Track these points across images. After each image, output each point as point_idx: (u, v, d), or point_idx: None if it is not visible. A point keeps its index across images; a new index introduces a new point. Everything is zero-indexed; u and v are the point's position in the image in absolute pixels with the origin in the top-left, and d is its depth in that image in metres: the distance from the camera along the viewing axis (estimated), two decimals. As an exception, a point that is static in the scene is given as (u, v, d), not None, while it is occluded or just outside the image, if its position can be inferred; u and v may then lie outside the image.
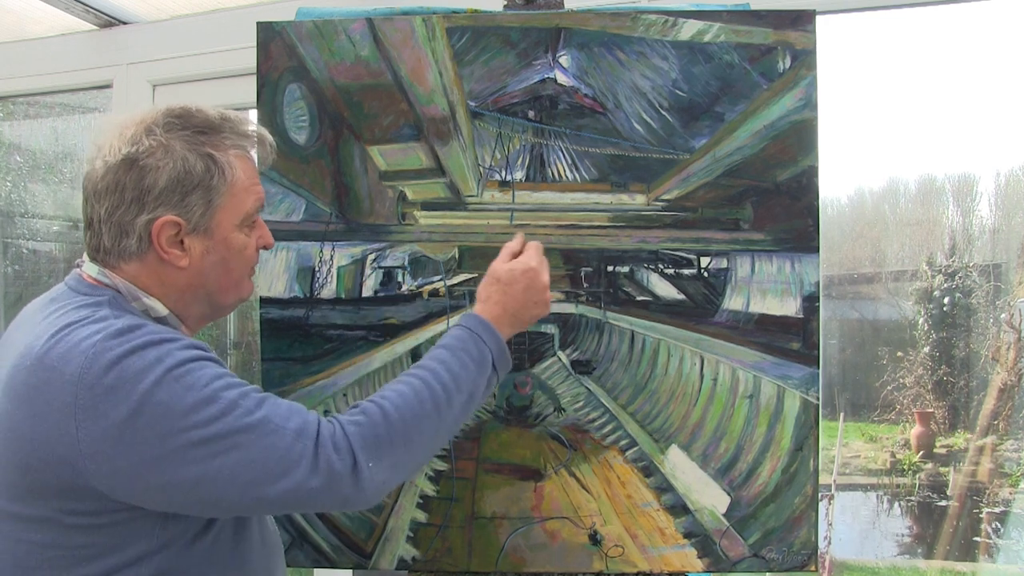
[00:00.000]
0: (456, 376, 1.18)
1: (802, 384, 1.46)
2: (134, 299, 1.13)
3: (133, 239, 1.11)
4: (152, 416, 1.00)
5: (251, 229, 1.20)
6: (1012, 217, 5.93)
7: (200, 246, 1.14)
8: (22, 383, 1.04)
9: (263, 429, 1.04)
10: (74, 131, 3.03)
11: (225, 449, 1.02)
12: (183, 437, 1.00)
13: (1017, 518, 5.19)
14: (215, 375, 1.05)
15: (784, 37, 1.46)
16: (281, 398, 1.10)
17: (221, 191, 1.14)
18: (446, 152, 1.51)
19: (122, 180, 1.10)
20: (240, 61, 2.12)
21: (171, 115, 1.14)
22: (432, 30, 1.49)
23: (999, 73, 6.52)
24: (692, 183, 1.49)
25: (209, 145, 1.14)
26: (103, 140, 1.13)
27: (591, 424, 1.52)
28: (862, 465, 6.27)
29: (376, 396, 1.15)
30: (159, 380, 1.01)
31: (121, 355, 1.01)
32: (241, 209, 1.17)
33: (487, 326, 1.25)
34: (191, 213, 1.12)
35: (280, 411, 1.07)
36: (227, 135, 1.16)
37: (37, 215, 3.14)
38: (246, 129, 1.19)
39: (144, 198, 1.10)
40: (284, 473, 1.03)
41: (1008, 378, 5.32)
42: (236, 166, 1.16)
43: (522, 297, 1.29)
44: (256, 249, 1.23)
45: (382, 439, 1.09)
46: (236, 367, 3.02)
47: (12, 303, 2.97)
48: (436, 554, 1.51)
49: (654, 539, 1.49)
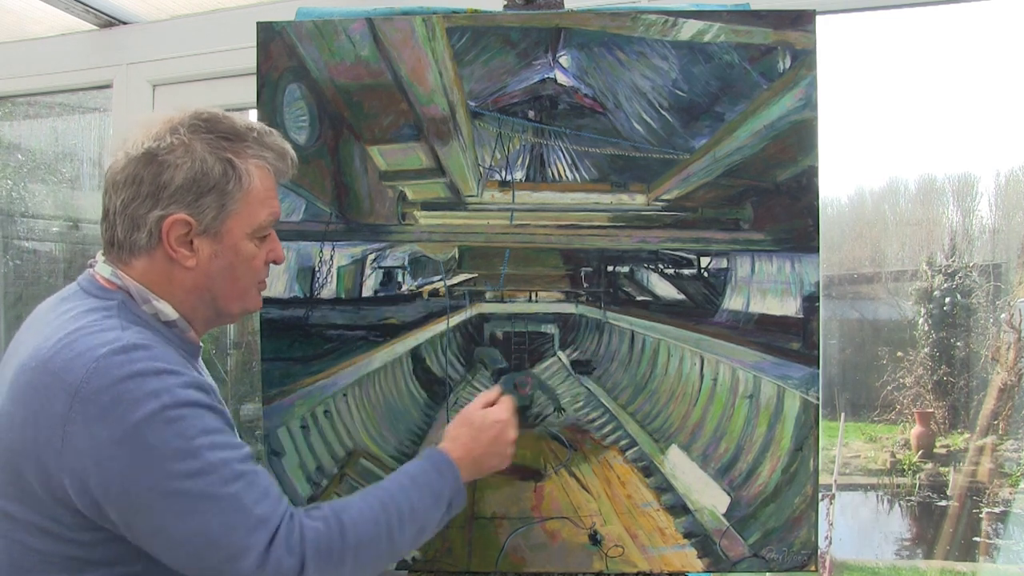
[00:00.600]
0: (414, 508, 1.19)
1: (802, 384, 1.46)
2: (144, 302, 1.14)
3: (144, 233, 1.12)
4: (133, 451, 1.00)
5: (262, 241, 1.21)
6: (1012, 217, 5.94)
7: (208, 248, 1.15)
8: (25, 384, 1.05)
9: (229, 505, 1.03)
10: (74, 131, 3.03)
11: (187, 511, 1.01)
12: (154, 483, 1.00)
13: (1017, 518, 5.19)
14: (206, 428, 1.04)
15: (784, 37, 1.46)
16: (263, 474, 1.08)
17: (235, 197, 1.14)
18: (446, 152, 1.51)
19: (140, 173, 1.11)
20: (240, 61, 2.12)
21: (198, 118, 1.15)
22: (432, 30, 1.49)
23: (999, 73, 6.52)
24: (692, 183, 1.49)
25: (230, 151, 1.15)
26: (130, 134, 1.14)
27: (591, 424, 1.52)
28: (862, 465, 6.28)
29: (340, 504, 1.15)
30: (151, 416, 1.00)
31: (121, 377, 1.01)
32: (254, 219, 1.17)
33: (451, 466, 1.26)
34: (203, 214, 1.13)
35: (254, 492, 1.05)
36: (250, 144, 1.17)
37: (37, 215, 3.14)
38: (271, 141, 1.20)
39: (159, 194, 1.11)
40: (231, 558, 1.02)
41: (1008, 378, 5.32)
42: (255, 175, 1.16)
43: (488, 446, 1.31)
44: (265, 262, 1.23)
45: (334, 551, 1.09)
46: (236, 367, 3.02)
47: (12, 303, 2.97)
48: (436, 554, 1.51)
49: (654, 539, 1.49)
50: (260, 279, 1.24)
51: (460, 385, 1.53)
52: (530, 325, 1.53)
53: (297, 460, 1.52)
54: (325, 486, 1.52)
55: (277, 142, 1.21)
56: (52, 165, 3.16)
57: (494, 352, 1.53)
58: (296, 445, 1.52)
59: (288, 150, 1.23)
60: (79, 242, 3.13)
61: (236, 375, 3.00)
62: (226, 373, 2.96)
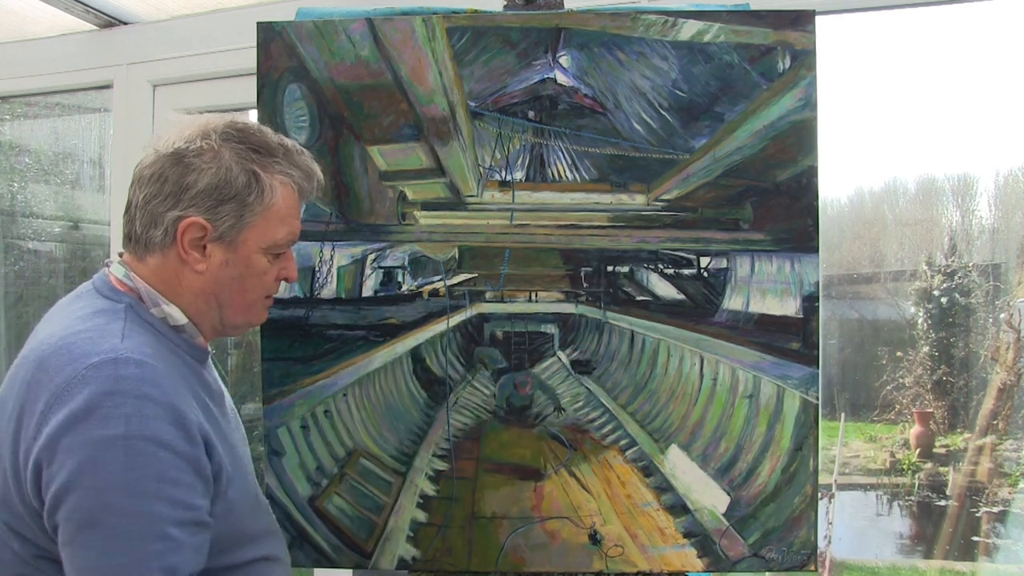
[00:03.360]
0: None
1: (802, 384, 1.46)
2: (154, 305, 1.15)
3: (160, 231, 1.13)
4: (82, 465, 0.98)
5: (276, 258, 1.21)
6: (1011, 217, 5.94)
7: (221, 256, 1.15)
8: (21, 377, 1.06)
9: (138, 559, 0.99)
10: (74, 131, 3.03)
11: (98, 543, 0.98)
12: (85, 503, 0.98)
13: (1016, 518, 5.19)
14: (160, 474, 1.01)
15: (784, 37, 1.46)
16: (189, 549, 1.03)
17: (255, 210, 1.15)
18: (446, 152, 1.52)
19: (166, 172, 1.12)
20: (240, 61, 2.12)
21: (232, 127, 1.16)
22: (432, 30, 1.49)
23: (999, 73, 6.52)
24: (692, 183, 1.49)
25: (258, 164, 1.15)
26: (165, 132, 1.15)
27: (591, 424, 1.52)
28: (862, 465, 6.28)
29: None
30: (112, 439, 0.99)
31: (102, 391, 1.00)
32: (270, 235, 1.17)
33: None
34: (220, 221, 1.13)
35: (167, 561, 1.00)
36: (279, 160, 1.17)
37: (38, 215, 3.14)
38: (300, 160, 1.20)
39: (181, 194, 1.12)
40: None
41: (1007, 378, 5.32)
42: (278, 192, 1.17)
43: None
44: (277, 279, 1.23)
45: None
46: (236, 367, 3.03)
47: (12, 303, 2.97)
48: (436, 554, 1.51)
49: (654, 539, 1.49)
50: (269, 294, 1.24)
51: (460, 385, 1.53)
52: (530, 325, 1.53)
53: (297, 460, 1.52)
54: (325, 486, 1.52)
55: (306, 162, 1.21)
56: (52, 165, 3.16)
57: (494, 352, 1.53)
58: (296, 445, 1.52)
59: (316, 171, 1.23)
60: (79, 242, 3.13)
61: (236, 375, 3.00)
62: (227, 373, 2.97)
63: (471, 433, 1.52)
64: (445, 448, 1.52)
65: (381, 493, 1.52)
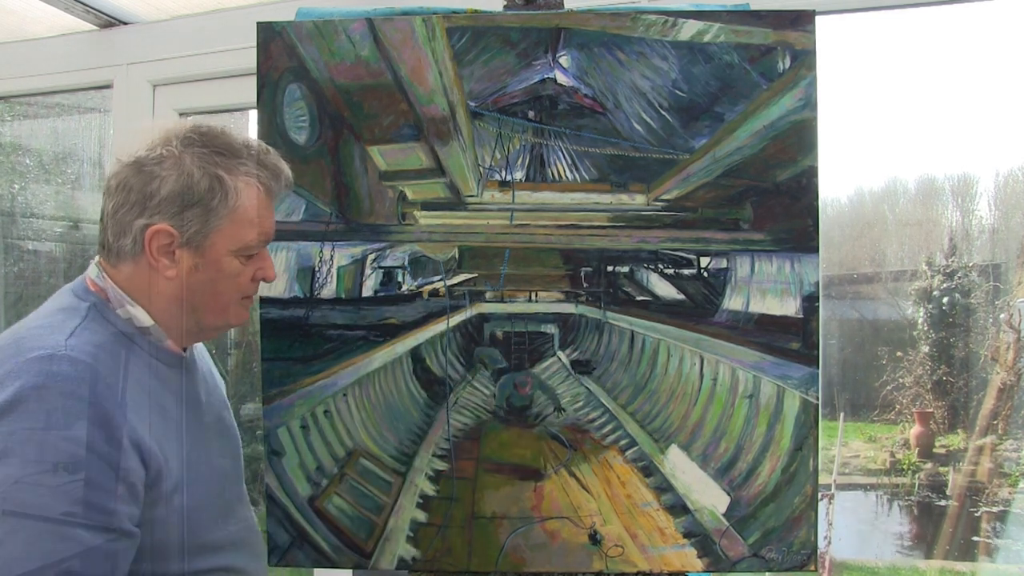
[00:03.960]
0: None
1: (802, 384, 1.46)
2: (119, 306, 1.15)
3: (129, 239, 1.14)
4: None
5: (249, 259, 1.20)
6: (1011, 217, 5.94)
7: (190, 261, 1.15)
8: None
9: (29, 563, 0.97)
10: (74, 131, 3.03)
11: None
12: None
13: (1016, 518, 5.19)
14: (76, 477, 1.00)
15: (784, 37, 1.46)
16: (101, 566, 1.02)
17: (221, 214, 1.15)
18: (446, 152, 1.52)
19: (130, 181, 1.13)
20: (240, 61, 2.12)
21: (195, 131, 1.16)
22: (432, 30, 1.49)
23: (999, 73, 6.52)
24: (692, 183, 1.49)
25: (222, 167, 1.15)
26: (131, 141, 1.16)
27: (591, 424, 1.52)
28: (862, 465, 6.28)
29: None
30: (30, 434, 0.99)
31: (30, 387, 1.01)
32: (239, 237, 1.17)
33: None
34: (186, 227, 1.13)
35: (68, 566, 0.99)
36: (244, 161, 1.17)
37: (38, 215, 3.14)
38: (267, 160, 1.20)
39: (146, 203, 1.12)
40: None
41: (1007, 378, 5.33)
42: (243, 194, 1.16)
43: None
44: (253, 279, 1.23)
45: None
46: (236, 367, 3.03)
47: (12, 303, 2.97)
48: (436, 554, 1.51)
49: (654, 539, 1.49)
50: (245, 295, 1.24)
51: (460, 385, 1.53)
52: (530, 325, 1.53)
53: (297, 460, 1.52)
54: (325, 486, 1.52)
55: (273, 161, 1.21)
56: (52, 165, 3.16)
57: (494, 352, 1.53)
58: (296, 445, 1.52)
59: (284, 170, 1.23)
60: (79, 243, 3.13)
61: (236, 375, 3.00)
62: (227, 373, 2.97)
63: (471, 433, 1.52)
64: (445, 448, 1.52)
65: (381, 493, 1.52)
